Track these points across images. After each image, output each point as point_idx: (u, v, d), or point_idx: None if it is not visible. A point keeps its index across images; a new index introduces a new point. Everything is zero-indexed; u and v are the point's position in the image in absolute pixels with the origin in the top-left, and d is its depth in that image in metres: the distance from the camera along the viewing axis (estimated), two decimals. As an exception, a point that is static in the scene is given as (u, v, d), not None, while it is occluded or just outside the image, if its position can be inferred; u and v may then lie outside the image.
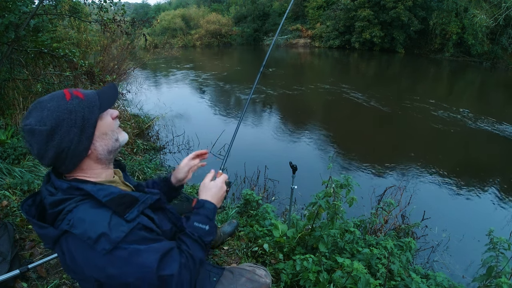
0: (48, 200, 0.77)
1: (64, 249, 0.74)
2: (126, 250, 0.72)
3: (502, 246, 1.73)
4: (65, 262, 0.77)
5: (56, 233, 0.74)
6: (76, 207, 0.75)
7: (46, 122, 0.73)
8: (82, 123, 0.77)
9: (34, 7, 3.70)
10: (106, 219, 0.73)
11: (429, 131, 6.77)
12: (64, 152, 0.76)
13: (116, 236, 0.72)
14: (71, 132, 0.75)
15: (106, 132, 0.83)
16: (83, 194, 0.77)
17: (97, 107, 0.80)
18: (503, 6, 13.80)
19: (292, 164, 2.01)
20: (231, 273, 1.24)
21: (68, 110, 0.75)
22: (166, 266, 0.77)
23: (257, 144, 5.92)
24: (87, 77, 5.47)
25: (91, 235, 0.71)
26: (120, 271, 0.72)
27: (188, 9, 32.00)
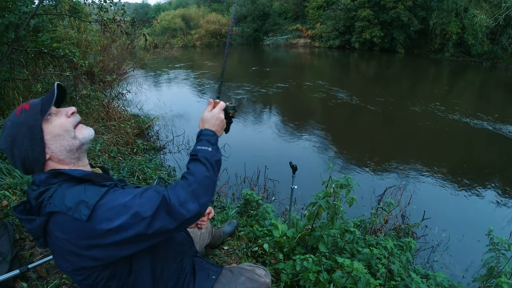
0: (32, 195, 0.81)
1: (54, 232, 0.77)
2: (105, 204, 0.76)
3: (503, 247, 1.73)
4: (60, 249, 0.79)
5: (42, 220, 0.77)
6: (56, 191, 0.80)
7: (6, 140, 0.82)
8: (29, 133, 0.81)
9: (34, 7, 3.70)
10: (82, 190, 0.79)
11: (429, 131, 6.77)
12: (27, 161, 0.83)
13: (92, 200, 0.75)
14: (23, 143, 0.81)
15: (58, 133, 0.85)
16: (60, 181, 0.82)
17: (39, 113, 0.83)
18: (503, 6, 13.79)
19: (292, 164, 2.01)
20: (230, 272, 1.24)
21: (16, 124, 0.82)
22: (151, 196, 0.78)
23: (257, 144, 5.92)
24: (87, 77, 5.48)
25: (70, 205, 0.75)
26: (106, 223, 0.74)
27: (188, 9, 31.99)
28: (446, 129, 6.79)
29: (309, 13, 26.21)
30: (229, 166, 4.43)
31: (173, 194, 0.79)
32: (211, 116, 1.02)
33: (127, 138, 4.67)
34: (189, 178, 0.85)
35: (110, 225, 0.74)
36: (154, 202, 0.77)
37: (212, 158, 0.91)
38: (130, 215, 0.74)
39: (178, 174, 4.39)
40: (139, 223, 0.75)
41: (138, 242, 0.78)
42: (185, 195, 0.80)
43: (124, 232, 0.74)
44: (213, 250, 2.10)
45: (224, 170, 4.23)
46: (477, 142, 6.37)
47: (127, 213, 0.74)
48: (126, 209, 0.75)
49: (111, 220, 0.74)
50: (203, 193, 0.83)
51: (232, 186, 3.83)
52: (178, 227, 0.79)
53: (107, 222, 0.74)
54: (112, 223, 0.74)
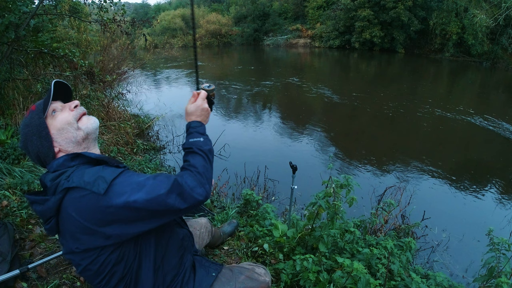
0: (49, 177, 0.87)
1: (70, 208, 0.81)
2: (121, 181, 0.82)
3: (503, 247, 1.73)
4: (72, 227, 0.82)
5: (58, 197, 0.81)
6: (73, 172, 0.85)
7: (21, 140, 0.93)
8: (36, 130, 0.90)
9: (34, 7, 3.70)
10: (100, 169, 0.86)
11: (429, 131, 6.77)
12: (40, 155, 0.91)
13: (110, 176, 0.82)
14: (33, 140, 0.90)
15: (61, 127, 0.92)
16: (78, 163, 0.89)
17: (41, 111, 0.91)
18: (503, 6, 13.79)
19: (292, 164, 2.01)
20: (230, 271, 1.24)
21: (26, 125, 0.91)
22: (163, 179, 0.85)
23: (257, 144, 5.92)
24: (87, 77, 5.47)
25: (88, 180, 0.81)
26: (122, 197, 0.79)
27: (188, 9, 31.97)
28: (446, 129, 6.79)
29: (309, 13, 26.20)
30: (229, 166, 4.43)
31: (182, 180, 0.86)
32: (195, 108, 1.09)
33: (127, 138, 4.67)
34: (192, 169, 0.92)
35: (126, 200, 0.79)
36: (167, 183, 0.84)
37: (205, 147, 1.00)
38: (145, 192, 0.80)
39: (178, 174, 4.38)
40: (153, 199, 0.80)
41: (149, 219, 0.83)
42: (193, 182, 0.87)
43: (139, 207, 0.80)
44: (213, 250, 2.10)
45: (224, 170, 4.23)
46: (477, 142, 6.37)
47: (141, 190, 0.81)
48: (141, 186, 0.81)
49: (127, 195, 0.79)
50: (206, 181, 0.91)
51: (232, 186, 3.83)
52: (187, 209, 0.86)
53: (123, 196, 0.79)
54: (128, 197, 0.79)
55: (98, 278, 0.90)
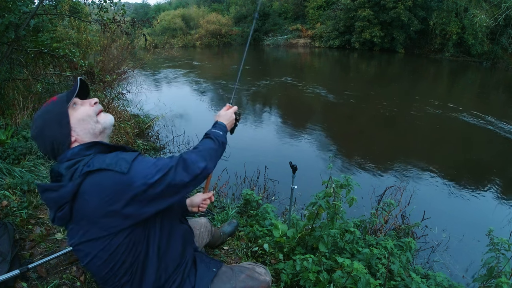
0: (64, 165, 0.90)
1: (88, 191, 0.84)
2: (141, 161, 0.90)
3: (503, 247, 1.73)
4: (88, 209, 0.84)
5: (76, 182, 0.84)
6: (92, 159, 0.89)
7: (37, 126, 0.95)
8: (57, 118, 0.95)
9: (34, 7, 3.70)
10: (118, 153, 0.92)
11: (429, 131, 6.77)
12: (54, 142, 0.94)
13: (129, 157, 0.89)
14: (52, 126, 0.94)
15: (82, 118, 0.98)
16: (94, 152, 0.94)
17: (65, 102, 0.97)
18: (503, 6, 13.79)
19: (292, 164, 2.01)
20: (230, 270, 1.24)
21: (47, 111, 0.96)
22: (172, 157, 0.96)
23: (257, 144, 5.92)
24: (87, 77, 5.48)
25: (110, 161, 0.86)
26: (145, 172, 0.87)
27: (188, 9, 31.98)
28: (446, 129, 6.79)
29: (309, 13, 26.19)
30: (229, 166, 4.43)
31: (187, 155, 0.97)
32: (225, 114, 1.30)
33: (127, 138, 4.67)
34: (199, 147, 1.05)
35: (145, 177, 0.86)
36: (175, 160, 0.94)
37: (220, 138, 1.13)
38: (159, 169, 0.89)
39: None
40: (165, 176, 0.88)
41: (164, 197, 0.90)
42: (196, 157, 0.97)
43: (155, 185, 0.87)
44: (213, 250, 2.10)
45: (224, 170, 4.23)
46: (477, 142, 6.37)
47: (156, 168, 0.89)
48: (155, 166, 0.89)
49: (145, 173, 0.86)
50: (209, 158, 1.01)
51: (232, 186, 3.83)
52: (191, 181, 0.94)
53: (143, 174, 0.86)
54: (146, 175, 0.86)
55: (107, 268, 0.92)
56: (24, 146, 3.31)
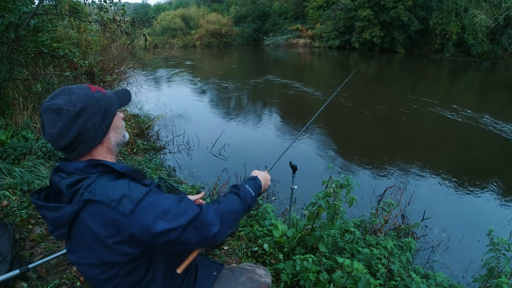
0: (65, 182, 0.80)
1: (89, 221, 0.77)
2: (147, 205, 0.78)
3: (503, 247, 1.73)
4: (87, 238, 0.79)
5: (76, 207, 0.77)
6: (95, 181, 0.80)
7: (76, 104, 0.81)
8: (105, 112, 0.86)
9: (34, 7, 3.70)
10: (126, 184, 0.80)
11: (429, 131, 6.77)
12: (85, 133, 0.82)
13: (136, 196, 0.77)
14: (95, 117, 0.84)
15: (118, 126, 0.93)
16: (100, 171, 0.83)
17: (116, 103, 0.92)
18: (503, 6, 13.79)
19: (292, 164, 2.00)
20: (231, 272, 1.24)
21: (94, 98, 0.85)
22: (188, 207, 0.83)
23: (257, 144, 5.92)
24: (87, 77, 5.47)
25: (113, 197, 0.76)
26: (146, 224, 0.76)
27: (188, 9, 31.96)
28: (446, 129, 6.79)
29: (309, 13, 26.19)
30: (229, 166, 4.43)
31: (205, 214, 0.86)
32: (264, 176, 1.21)
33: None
34: (223, 205, 0.93)
35: (148, 227, 0.76)
36: (190, 214, 0.82)
37: (249, 200, 1.02)
38: (167, 220, 0.78)
39: (178, 174, 4.39)
40: (172, 230, 0.78)
41: (166, 248, 0.82)
42: (214, 218, 0.87)
43: (158, 236, 0.77)
44: (213, 250, 2.10)
45: (224, 170, 4.23)
46: (477, 142, 6.37)
47: (164, 218, 0.78)
48: (164, 213, 0.78)
49: (149, 221, 0.76)
50: (226, 223, 0.90)
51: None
52: (198, 243, 0.84)
53: (146, 222, 0.76)
54: (150, 225, 0.76)
55: (110, 285, 0.86)
56: (24, 146, 3.31)
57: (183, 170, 4.52)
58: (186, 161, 4.87)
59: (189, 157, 5.01)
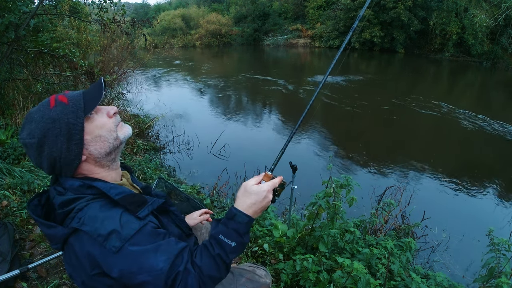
0: (58, 200, 0.76)
1: (76, 248, 0.74)
2: (136, 251, 0.71)
3: (504, 247, 1.73)
4: (74, 263, 0.76)
5: (66, 232, 0.73)
6: (87, 206, 0.74)
7: (34, 134, 0.74)
8: (68, 130, 0.74)
9: (34, 7, 3.70)
10: (117, 217, 0.73)
11: (429, 131, 6.77)
12: (57, 161, 0.76)
13: (126, 233, 0.71)
14: (58, 141, 0.74)
15: (100, 134, 0.80)
16: (94, 193, 0.77)
17: (81, 110, 0.76)
18: (503, 6, 13.79)
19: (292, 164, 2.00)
20: (231, 273, 1.23)
21: (51, 119, 0.74)
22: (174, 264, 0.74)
23: (257, 144, 5.92)
24: (87, 77, 5.47)
25: (101, 232, 0.70)
26: (129, 270, 0.71)
27: (188, 9, 31.97)
28: (446, 129, 6.79)
29: (309, 13, 26.20)
30: (229, 166, 4.43)
31: (185, 278, 0.75)
32: (256, 192, 0.86)
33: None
34: (204, 270, 0.78)
35: (130, 275, 0.71)
36: (174, 273, 0.73)
37: (230, 255, 0.81)
38: (151, 277, 0.72)
39: (178, 174, 4.39)
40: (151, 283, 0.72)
41: None
42: (194, 285, 0.75)
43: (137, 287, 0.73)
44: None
45: (224, 170, 4.23)
46: (477, 142, 6.37)
47: (149, 273, 0.72)
48: (150, 270, 0.72)
49: (133, 270, 0.71)
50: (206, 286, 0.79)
51: (232, 186, 3.83)
52: None
53: (129, 270, 0.71)
54: (132, 275, 0.71)
55: None
56: (24, 146, 3.30)
57: (183, 170, 4.52)
58: (186, 161, 4.87)
59: (189, 157, 5.01)
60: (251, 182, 0.90)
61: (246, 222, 0.83)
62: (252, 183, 0.89)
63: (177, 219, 0.98)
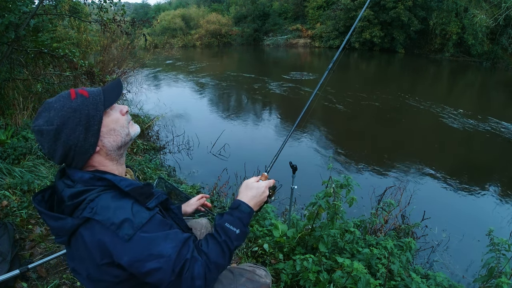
0: (67, 192, 0.78)
1: (86, 237, 0.75)
2: (146, 238, 0.75)
3: (504, 247, 1.73)
4: (82, 254, 0.78)
5: (76, 223, 0.75)
6: (99, 197, 0.77)
7: (53, 121, 0.76)
8: (87, 121, 0.79)
9: (34, 7, 3.70)
10: (129, 206, 0.77)
11: (429, 131, 6.77)
12: (72, 149, 0.79)
13: (138, 221, 0.75)
14: (77, 130, 0.78)
15: (114, 128, 0.85)
16: (105, 185, 0.80)
17: (101, 104, 0.82)
18: (503, 6, 13.79)
19: (292, 164, 2.00)
20: (231, 273, 1.23)
21: (72, 109, 0.78)
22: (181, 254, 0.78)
23: (257, 144, 5.92)
24: (87, 77, 5.47)
25: (114, 220, 0.74)
26: (139, 258, 0.74)
27: (188, 9, 31.97)
28: (446, 129, 6.79)
29: (309, 13, 26.20)
30: (229, 166, 4.43)
31: (192, 266, 0.79)
32: (257, 187, 1.01)
33: (127, 138, 4.67)
34: (211, 257, 0.84)
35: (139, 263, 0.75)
36: (182, 261, 0.78)
37: (234, 242, 0.89)
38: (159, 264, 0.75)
39: (178, 174, 4.39)
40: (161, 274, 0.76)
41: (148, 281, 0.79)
42: (200, 272, 0.80)
43: (146, 275, 0.76)
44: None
45: (224, 170, 4.23)
46: (477, 142, 6.37)
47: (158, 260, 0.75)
48: (158, 257, 0.76)
49: (142, 258, 0.75)
50: (211, 278, 0.83)
51: (232, 186, 3.83)
52: None
53: (139, 258, 0.74)
54: (142, 262, 0.75)
55: None
56: (24, 146, 3.31)
57: (183, 170, 4.52)
58: (186, 161, 4.87)
59: (189, 157, 5.01)
60: (251, 180, 1.04)
61: (248, 212, 0.95)
62: (252, 181, 1.04)
63: (176, 218, 0.99)
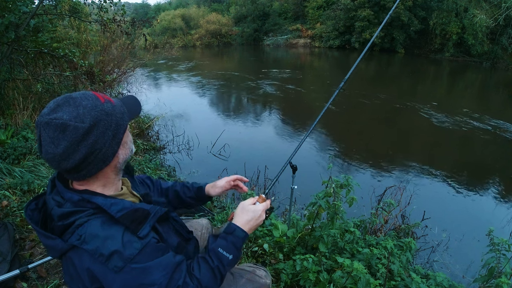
0: (57, 211, 0.74)
1: (75, 262, 0.73)
2: (137, 268, 0.72)
3: (504, 247, 1.73)
4: (72, 274, 0.76)
5: (65, 247, 0.72)
6: (88, 222, 0.73)
7: (84, 119, 0.69)
8: (116, 128, 0.76)
9: (34, 7, 3.70)
10: (119, 235, 0.72)
11: (429, 131, 6.77)
12: (94, 154, 0.73)
13: (129, 253, 0.71)
14: (106, 134, 0.74)
15: (127, 142, 0.84)
16: (95, 208, 0.75)
17: (127, 115, 0.81)
18: (503, 6, 13.80)
19: (292, 164, 2.00)
20: (230, 274, 1.23)
21: (105, 111, 0.74)
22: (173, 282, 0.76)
23: (257, 144, 5.92)
24: (87, 77, 5.47)
25: (103, 252, 0.70)
26: (130, 286, 0.72)
27: (188, 9, 31.96)
28: (446, 129, 6.79)
29: (309, 13, 26.19)
30: (229, 166, 4.43)
31: None
32: (253, 210, 0.98)
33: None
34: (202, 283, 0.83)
35: None
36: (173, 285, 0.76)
37: (227, 268, 0.88)
38: None
39: (178, 174, 4.39)
40: None
41: None
42: None
43: None
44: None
45: (224, 170, 4.24)
46: (477, 142, 6.37)
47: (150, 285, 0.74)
48: (149, 287, 0.73)
49: None
50: None
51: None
52: None
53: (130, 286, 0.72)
54: None
55: None
56: (24, 146, 3.31)
57: (183, 170, 4.52)
58: (186, 161, 4.87)
59: (189, 157, 5.01)
60: (247, 202, 1.01)
61: (243, 237, 0.93)
62: (248, 203, 1.00)
63: (177, 225, 0.98)
